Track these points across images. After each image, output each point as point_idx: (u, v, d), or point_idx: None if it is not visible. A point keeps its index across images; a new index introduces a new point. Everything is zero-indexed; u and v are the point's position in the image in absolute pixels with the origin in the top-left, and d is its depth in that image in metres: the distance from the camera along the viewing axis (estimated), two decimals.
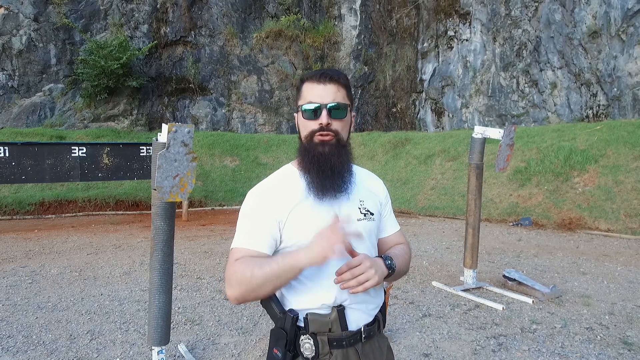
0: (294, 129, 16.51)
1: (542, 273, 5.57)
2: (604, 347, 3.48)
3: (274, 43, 16.51)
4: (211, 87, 15.73)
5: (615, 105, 10.55)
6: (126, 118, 14.44)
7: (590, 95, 11.13)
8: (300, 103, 1.35)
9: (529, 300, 4.48)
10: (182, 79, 15.18)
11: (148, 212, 11.18)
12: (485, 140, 4.59)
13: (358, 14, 16.63)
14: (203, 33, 15.33)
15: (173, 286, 5.04)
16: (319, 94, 1.31)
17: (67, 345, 3.52)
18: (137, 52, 13.70)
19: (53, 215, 10.32)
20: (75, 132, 13.43)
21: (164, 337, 3.01)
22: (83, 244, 7.37)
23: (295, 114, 1.41)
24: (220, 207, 11.91)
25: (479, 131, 4.53)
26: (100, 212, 10.84)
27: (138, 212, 11.21)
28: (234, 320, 4.07)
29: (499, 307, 4.30)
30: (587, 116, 11.26)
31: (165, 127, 2.76)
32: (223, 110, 16.01)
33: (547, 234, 8.17)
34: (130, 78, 13.68)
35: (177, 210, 11.53)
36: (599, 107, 10.98)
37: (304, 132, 1.35)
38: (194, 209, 11.46)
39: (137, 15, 14.44)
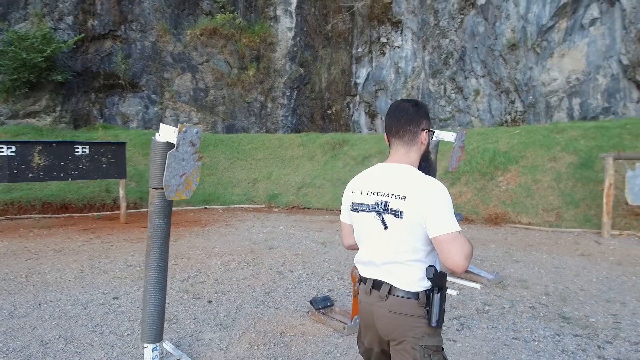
0: (229, 129, 16.40)
1: (481, 262, 6.17)
2: (548, 322, 4.02)
3: (208, 41, 16.25)
4: (142, 84, 15.14)
5: (531, 111, 11.76)
6: (48, 115, 13.48)
7: (509, 102, 12.29)
8: (430, 128, 1.84)
9: (477, 286, 4.99)
10: (111, 75, 14.46)
11: (80, 214, 10.58)
12: (439, 143, 5.03)
13: (293, 16, 16.87)
14: (134, 28, 14.72)
15: (137, 288, 4.98)
16: None
17: (42, 351, 3.39)
18: (62, 45, 12.85)
19: None
20: None
21: (159, 334, 3.05)
22: (17, 249, 6.88)
23: (423, 131, 1.81)
24: None
25: (434, 134, 4.96)
26: (26, 216, 10.08)
27: (68, 215, 10.55)
28: (211, 317, 4.12)
29: (454, 292, 4.75)
30: (506, 121, 12.41)
31: (164, 126, 2.81)
32: (155, 109, 15.47)
33: (477, 228, 8.94)
34: (54, 72, 12.80)
35: (114, 212, 11.02)
36: (516, 113, 12.15)
37: (426, 148, 1.84)
38: (129, 211, 11.01)
39: (61, 5, 13.54)
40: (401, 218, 1.67)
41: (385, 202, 1.72)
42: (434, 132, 1.88)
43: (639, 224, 7.96)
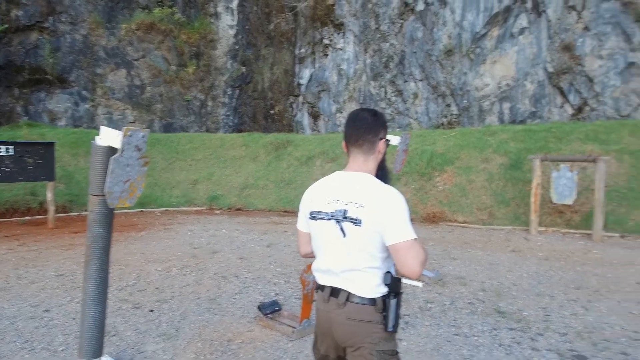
0: (167, 128, 15.84)
1: None
2: (485, 316, 4.24)
3: (145, 36, 15.59)
4: (72, 79, 14.25)
5: (465, 115, 12.35)
6: None
7: (445, 106, 12.83)
8: (387, 137, 1.89)
9: (420, 284, 5.16)
10: (37, 69, 13.48)
11: (1, 220, 9.77)
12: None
13: (235, 13, 16.59)
14: (63, 19, 13.81)
15: (70, 299, 4.69)
16: None
17: None
18: None
19: None
20: None
21: (98, 349, 2.88)
22: None
23: (380, 140, 1.85)
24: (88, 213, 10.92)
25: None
26: None
27: None
28: (153, 328, 3.96)
29: None
30: (443, 124, 12.94)
31: (105, 129, 2.66)
32: (86, 106, 14.63)
33: (416, 227, 9.10)
34: None
35: (41, 217, 10.33)
36: (452, 116, 12.71)
37: (382, 156, 1.88)
38: (58, 215, 10.32)
39: None
40: (360, 226, 1.69)
41: (345, 210, 1.73)
42: (389, 141, 1.92)
43: (563, 221, 8.60)
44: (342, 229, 1.73)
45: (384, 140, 1.85)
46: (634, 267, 6.03)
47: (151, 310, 4.37)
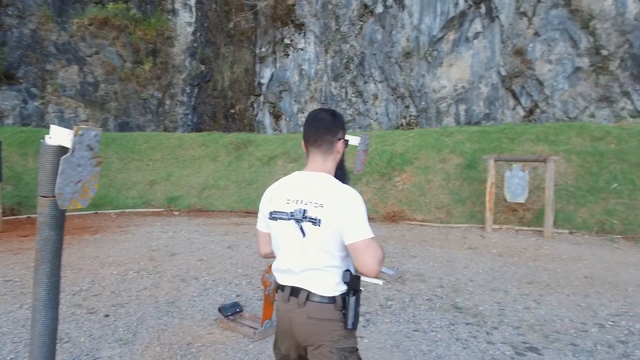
0: (123, 127, 15.34)
1: None
2: (443, 312, 4.35)
3: (98, 31, 15.05)
4: (20, 75, 13.57)
5: (423, 116, 12.64)
6: None
7: (404, 107, 13.08)
8: (346, 137, 1.91)
9: (380, 282, 5.24)
10: None
11: None
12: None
13: (193, 10, 16.28)
14: (10, 13, 13.12)
15: (19, 305, 4.47)
16: None
17: None
18: None
19: None
20: None
21: (50, 357, 2.75)
22: None
23: (339, 140, 1.87)
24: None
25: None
26: None
27: None
28: (109, 333, 3.83)
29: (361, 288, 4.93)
30: (402, 125, 13.19)
31: (55, 128, 2.55)
32: (35, 103, 13.96)
33: (377, 226, 9.38)
34: None
35: None
36: (410, 117, 12.98)
37: (341, 157, 1.90)
38: (6, 218, 9.80)
39: None
40: (319, 225, 1.70)
41: (304, 210, 1.74)
42: (348, 141, 1.93)
43: (516, 218, 8.95)
44: (301, 229, 1.74)
45: (342, 140, 1.87)
46: (582, 261, 6.36)
47: (107, 315, 4.23)
